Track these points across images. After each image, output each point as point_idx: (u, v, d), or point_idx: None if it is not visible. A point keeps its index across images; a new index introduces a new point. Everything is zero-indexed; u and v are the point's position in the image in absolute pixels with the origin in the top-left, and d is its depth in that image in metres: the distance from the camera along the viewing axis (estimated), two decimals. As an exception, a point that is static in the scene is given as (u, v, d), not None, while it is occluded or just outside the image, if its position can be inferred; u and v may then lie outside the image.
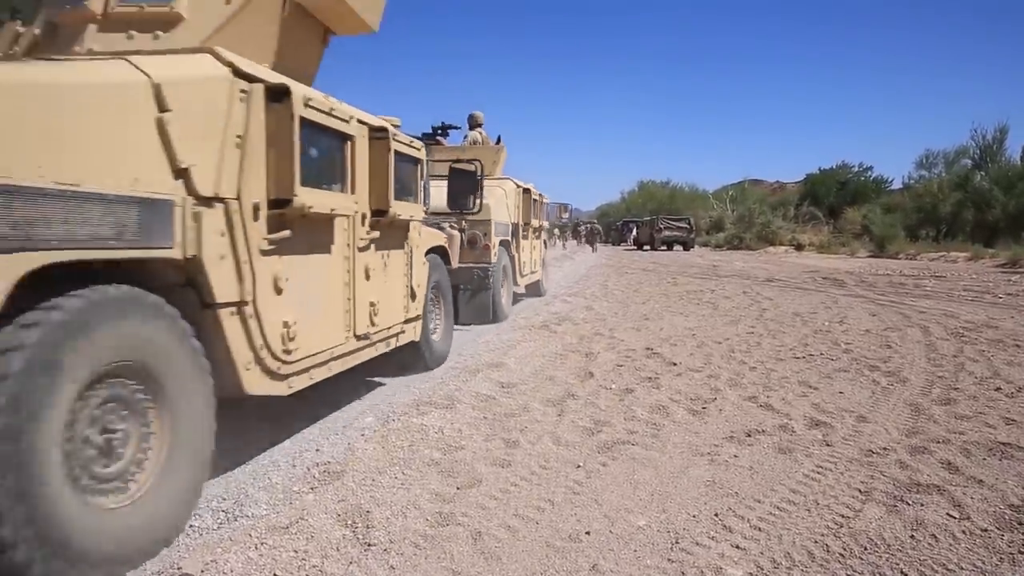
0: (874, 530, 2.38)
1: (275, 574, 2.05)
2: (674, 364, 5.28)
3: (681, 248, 32.83)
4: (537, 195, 10.07)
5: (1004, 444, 3.31)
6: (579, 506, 2.59)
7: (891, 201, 32.80)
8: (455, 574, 2.09)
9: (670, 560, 2.19)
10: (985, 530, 2.40)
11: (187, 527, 2.35)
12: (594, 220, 43.95)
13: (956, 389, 4.45)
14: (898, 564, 2.15)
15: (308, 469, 2.91)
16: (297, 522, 2.37)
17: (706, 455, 3.19)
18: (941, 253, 22.70)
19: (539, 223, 10.46)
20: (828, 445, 3.34)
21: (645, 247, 34.86)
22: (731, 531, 2.39)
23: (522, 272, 9.03)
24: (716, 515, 2.52)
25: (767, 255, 27.77)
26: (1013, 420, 3.74)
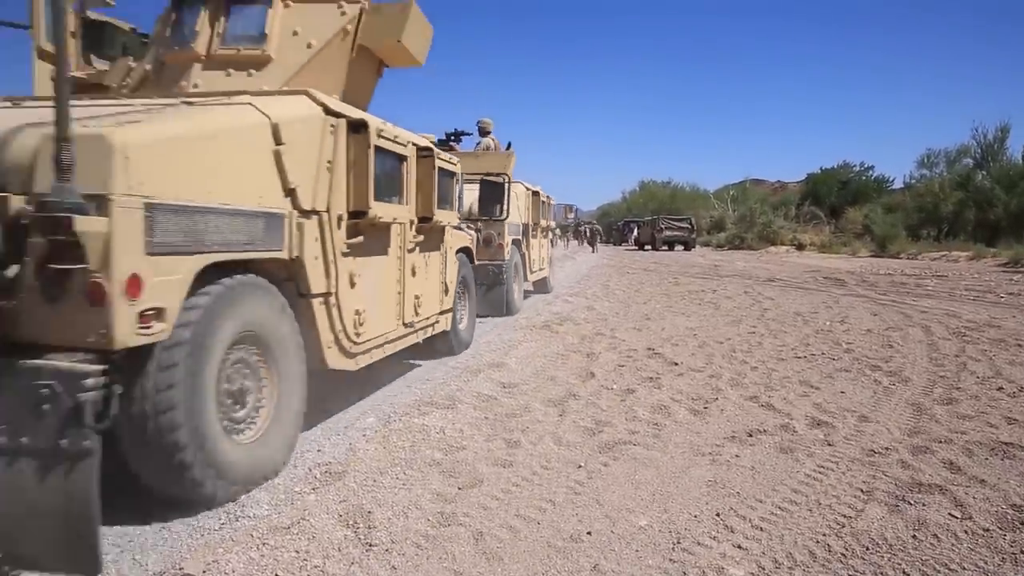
0: (876, 530, 2.38)
1: (277, 574, 2.05)
2: (675, 364, 5.28)
3: (682, 248, 32.78)
4: (545, 197, 10.73)
5: (1006, 444, 3.30)
6: (581, 506, 2.59)
7: (892, 201, 32.71)
8: (457, 574, 2.09)
9: (672, 560, 2.19)
10: (987, 530, 2.39)
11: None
12: (593, 221, 43.91)
13: (958, 389, 4.45)
14: (900, 564, 2.15)
15: (310, 470, 2.91)
16: (299, 522, 2.38)
17: (708, 455, 3.19)
18: (943, 252, 22.64)
19: (547, 223, 11.13)
20: (830, 445, 3.33)
21: (646, 247, 34.80)
22: (733, 531, 2.39)
23: (531, 269, 9.64)
24: (718, 515, 2.52)
25: (768, 255, 27.74)
26: (1015, 420, 3.74)
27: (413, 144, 4.17)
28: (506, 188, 6.99)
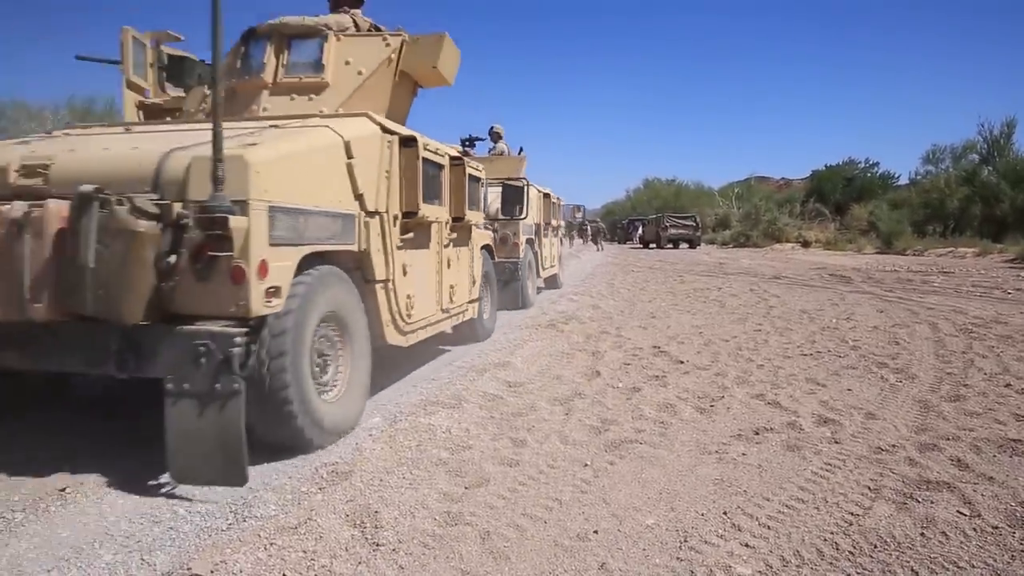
0: (884, 528, 2.37)
1: (284, 574, 2.06)
2: (681, 362, 5.27)
3: (687, 246, 32.71)
4: (555, 198, 11.47)
5: (1014, 440, 3.28)
6: (587, 505, 2.59)
7: (898, 197, 32.53)
8: (464, 574, 2.09)
9: (679, 559, 2.18)
10: (996, 527, 2.38)
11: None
12: (597, 219, 43.87)
13: (965, 385, 4.43)
14: (908, 562, 2.14)
15: (316, 469, 2.92)
16: (306, 522, 2.38)
17: (714, 453, 3.19)
18: (949, 249, 22.50)
19: (557, 223, 11.89)
20: (837, 442, 3.32)
21: (651, 245, 34.75)
22: (740, 529, 2.38)
23: (543, 266, 10.25)
24: (725, 513, 2.52)
25: (773, 252, 27.66)
26: (1023, 416, 3.72)
27: (448, 154, 4.82)
28: (525, 191, 7.67)
